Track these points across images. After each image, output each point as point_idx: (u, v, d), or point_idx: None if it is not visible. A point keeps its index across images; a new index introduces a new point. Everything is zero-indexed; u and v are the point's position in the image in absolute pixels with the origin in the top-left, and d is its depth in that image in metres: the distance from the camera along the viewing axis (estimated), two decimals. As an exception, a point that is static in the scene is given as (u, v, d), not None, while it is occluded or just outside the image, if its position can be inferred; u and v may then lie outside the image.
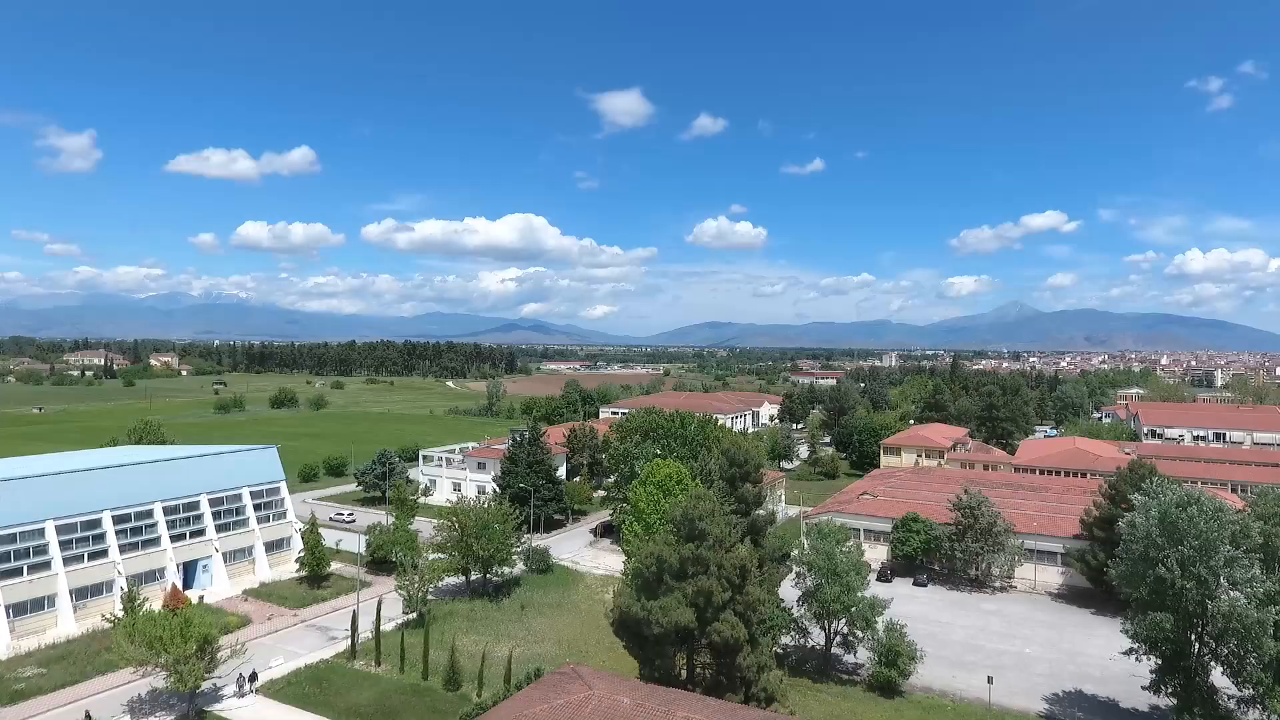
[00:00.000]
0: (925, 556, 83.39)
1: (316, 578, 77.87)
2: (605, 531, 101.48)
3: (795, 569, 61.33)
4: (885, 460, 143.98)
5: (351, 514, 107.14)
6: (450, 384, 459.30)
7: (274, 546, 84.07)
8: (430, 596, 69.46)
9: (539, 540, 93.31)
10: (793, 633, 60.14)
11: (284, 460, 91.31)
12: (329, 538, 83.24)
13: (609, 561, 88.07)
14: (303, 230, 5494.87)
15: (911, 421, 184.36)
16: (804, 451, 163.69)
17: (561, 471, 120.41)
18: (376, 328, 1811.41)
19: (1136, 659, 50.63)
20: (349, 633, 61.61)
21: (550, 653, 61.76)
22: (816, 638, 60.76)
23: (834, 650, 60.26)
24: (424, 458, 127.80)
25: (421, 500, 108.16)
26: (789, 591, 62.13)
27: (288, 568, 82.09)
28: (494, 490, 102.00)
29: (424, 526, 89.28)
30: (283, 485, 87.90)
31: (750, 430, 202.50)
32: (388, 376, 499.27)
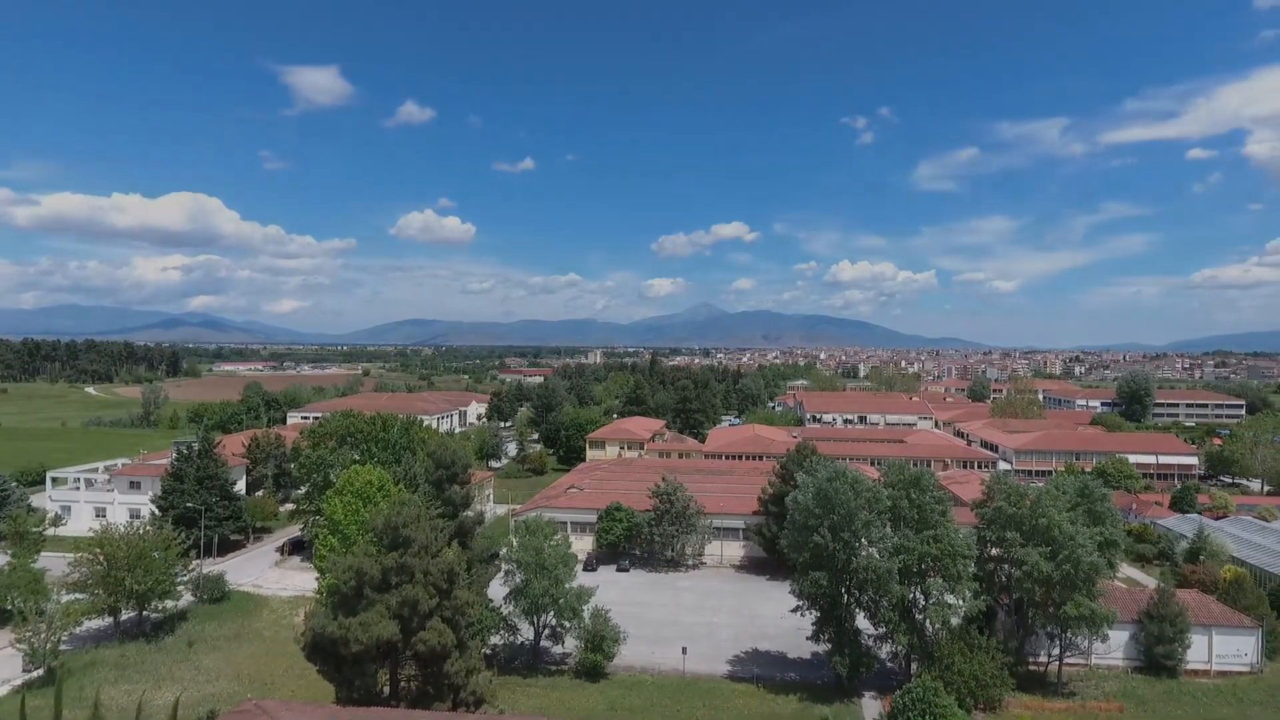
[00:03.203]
0: (628, 543, 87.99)
1: (-113, 643, 60.13)
2: (295, 548, 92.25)
3: (504, 567, 61.01)
4: (591, 454, 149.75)
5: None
6: (92, 390, 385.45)
7: None
8: (64, 646, 57.34)
9: (212, 565, 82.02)
10: (502, 631, 59.84)
11: None
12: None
13: (299, 581, 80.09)
14: None
15: (615, 416, 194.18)
16: (513, 449, 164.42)
17: (241, 486, 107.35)
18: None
19: (801, 614, 58.23)
20: (-61, 708, 48.41)
21: (228, 691, 54.34)
22: (526, 633, 60.98)
23: (543, 643, 61.01)
24: (53, 480, 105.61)
25: (50, 531, 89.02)
26: (499, 590, 61.55)
27: None
28: (153, 513, 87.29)
29: (54, 563, 73.28)
30: None
31: (457, 430, 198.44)
32: None
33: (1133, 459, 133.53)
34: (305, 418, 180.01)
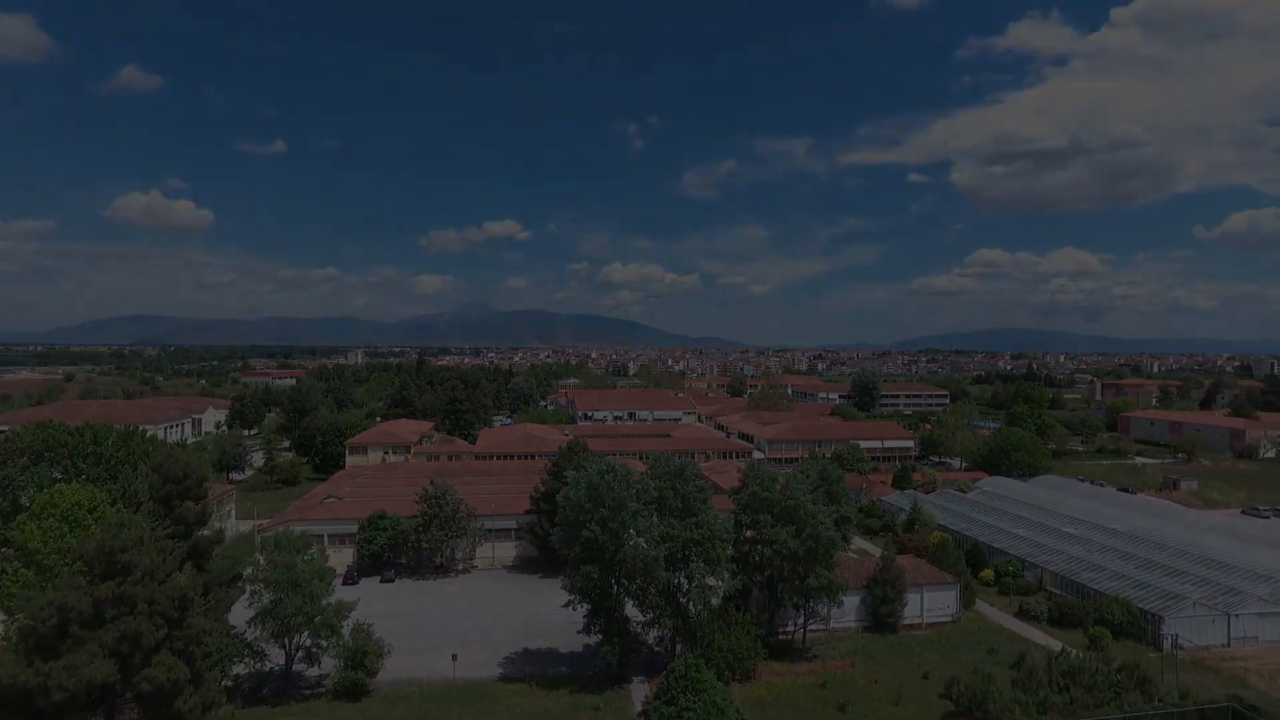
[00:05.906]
0: (393, 552, 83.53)
1: None
2: (-25, 587, 76.42)
3: (249, 588, 55.14)
4: (352, 460, 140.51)
5: None
6: None
7: None
8: None
9: None
10: (247, 658, 54.03)
11: None
12: None
13: (-19, 626, 66.44)
14: None
15: (379, 419, 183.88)
16: (259, 459, 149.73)
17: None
18: None
19: (573, 609, 58.81)
20: None
21: None
22: (277, 658, 55.60)
23: (296, 666, 56.03)
24: None
25: None
26: (244, 614, 55.48)
27: None
28: None
29: None
30: None
31: (191, 440, 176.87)
32: None
33: (864, 444, 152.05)
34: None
